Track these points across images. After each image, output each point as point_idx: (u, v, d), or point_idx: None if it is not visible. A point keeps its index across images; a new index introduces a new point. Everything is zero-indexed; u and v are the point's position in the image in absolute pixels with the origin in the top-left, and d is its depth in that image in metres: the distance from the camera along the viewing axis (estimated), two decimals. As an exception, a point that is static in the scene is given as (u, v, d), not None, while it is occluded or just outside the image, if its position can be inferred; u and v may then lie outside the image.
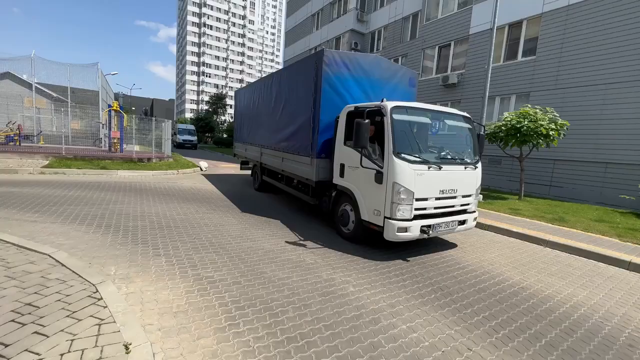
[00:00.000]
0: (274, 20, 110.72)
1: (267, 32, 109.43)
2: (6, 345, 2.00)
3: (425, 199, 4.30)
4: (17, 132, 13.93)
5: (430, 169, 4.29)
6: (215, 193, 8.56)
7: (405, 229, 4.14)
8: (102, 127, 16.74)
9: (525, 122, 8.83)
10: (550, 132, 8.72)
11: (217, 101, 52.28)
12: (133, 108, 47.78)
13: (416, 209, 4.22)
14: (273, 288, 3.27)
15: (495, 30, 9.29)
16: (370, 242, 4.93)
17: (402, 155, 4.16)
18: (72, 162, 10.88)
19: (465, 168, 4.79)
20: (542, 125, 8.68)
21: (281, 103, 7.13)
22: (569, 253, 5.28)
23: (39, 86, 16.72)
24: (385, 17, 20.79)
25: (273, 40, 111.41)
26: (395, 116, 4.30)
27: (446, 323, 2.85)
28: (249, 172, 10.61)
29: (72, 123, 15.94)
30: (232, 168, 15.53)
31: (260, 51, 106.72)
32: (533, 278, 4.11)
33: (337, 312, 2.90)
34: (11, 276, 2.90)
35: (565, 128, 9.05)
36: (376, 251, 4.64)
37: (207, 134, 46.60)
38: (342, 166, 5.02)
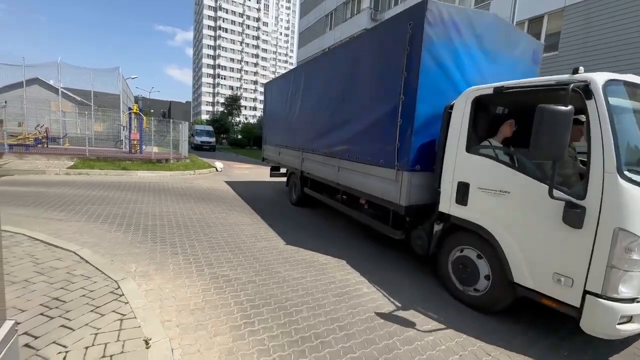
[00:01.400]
0: (288, 21, 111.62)
1: (281, 34, 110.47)
2: (36, 338, 2.11)
3: None
4: (45, 134, 14.64)
5: None
6: (230, 194, 8.70)
7: (630, 318, 2.25)
8: (123, 129, 17.37)
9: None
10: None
11: (232, 102, 53.21)
12: (152, 110, 49.34)
13: None
14: (287, 287, 3.29)
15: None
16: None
17: (632, 176, 2.21)
18: (95, 163, 11.33)
19: None
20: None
21: (339, 91, 5.26)
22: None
23: (64, 91, 17.52)
24: (400, 15, 20.46)
25: (287, 42, 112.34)
26: (613, 100, 2.34)
27: (462, 327, 2.79)
28: (273, 177, 9.34)
29: (95, 125, 16.63)
30: (246, 168, 15.75)
31: (274, 52, 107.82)
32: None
33: (351, 312, 2.89)
34: (40, 272, 3.05)
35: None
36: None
37: (222, 135, 47.50)
38: (464, 187, 3.11)
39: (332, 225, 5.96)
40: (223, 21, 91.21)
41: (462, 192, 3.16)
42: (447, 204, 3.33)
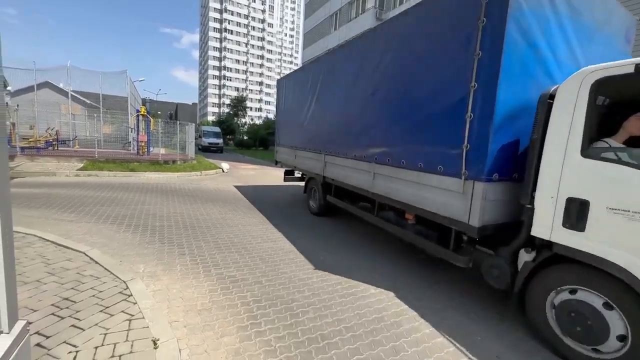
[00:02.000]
0: (293, 22, 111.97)
1: (286, 35, 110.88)
2: (47, 337, 2.14)
3: None
4: (55, 137, 14.92)
5: None
6: (237, 194, 8.74)
7: None
8: (131, 131, 17.60)
9: None
10: None
11: (238, 103, 53.59)
12: (159, 112, 49.90)
13: None
14: (294, 288, 3.29)
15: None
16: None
17: None
18: (103, 165, 11.50)
19: None
20: None
21: (376, 83, 4.34)
22: None
23: (74, 94, 17.84)
24: (405, 14, 20.40)
25: (292, 43, 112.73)
26: None
27: (471, 328, 2.75)
28: (289, 182, 8.59)
29: (104, 128, 16.90)
30: (252, 169, 15.81)
31: (279, 53, 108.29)
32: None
33: (358, 314, 2.87)
34: (51, 272, 3.10)
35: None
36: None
37: (228, 136, 47.86)
38: (580, 206, 2.32)
39: (360, 233, 5.94)
40: (229, 23, 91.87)
41: (577, 213, 2.31)
42: (547, 228, 2.47)
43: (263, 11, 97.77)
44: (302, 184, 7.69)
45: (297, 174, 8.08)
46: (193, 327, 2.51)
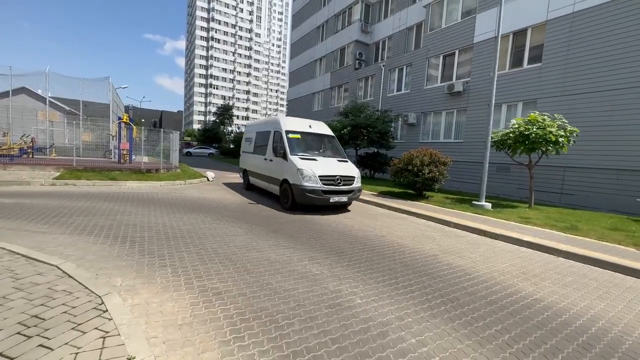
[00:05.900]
0: (280, 32, 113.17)
1: (273, 45, 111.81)
2: (12, 359, 1.99)
3: None
4: (30, 144, 14.31)
5: None
6: (221, 203, 8.58)
7: None
8: (112, 139, 17.12)
9: (534, 129, 8.73)
10: (560, 139, 8.60)
11: (224, 112, 53.27)
12: (142, 120, 48.88)
13: None
14: (279, 300, 3.22)
15: (499, 39, 9.30)
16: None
17: None
18: (82, 174, 11.08)
19: None
20: (551, 132, 8.57)
21: None
22: (584, 263, 5.11)
23: (52, 100, 17.26)
24: (390, 27, 21.06)
25: (279, 52, 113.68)
26: None
27: (457, 337, 2.76)
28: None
29: (84, 135, 16.36)
30: (237, 177, 15.61)
31: (266, 63, 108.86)
32: (547, 289, 3.97)
33: (344, 324, 2.83)
34: (19, 287, 2.92)
35: (575, 134, 8.92)
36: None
37: (214, 144, 47.39)
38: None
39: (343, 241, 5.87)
40: (215, 32, 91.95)
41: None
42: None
43: (250, 21, 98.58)
44: None
45: None
46: (172, 343, 2.40)
